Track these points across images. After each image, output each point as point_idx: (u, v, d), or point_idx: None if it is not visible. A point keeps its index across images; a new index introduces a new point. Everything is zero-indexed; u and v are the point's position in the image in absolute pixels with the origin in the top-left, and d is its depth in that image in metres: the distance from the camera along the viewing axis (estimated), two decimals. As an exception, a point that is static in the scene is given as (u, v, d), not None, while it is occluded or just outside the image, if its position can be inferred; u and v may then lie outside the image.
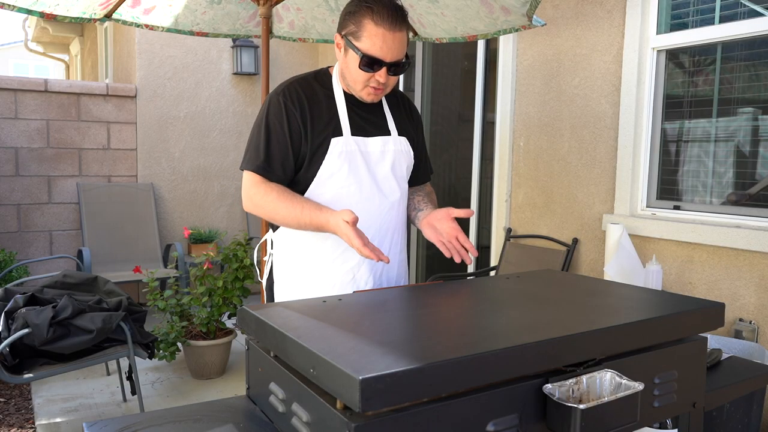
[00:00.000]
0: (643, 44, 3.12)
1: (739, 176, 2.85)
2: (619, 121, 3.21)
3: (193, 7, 3.31)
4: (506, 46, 3.88)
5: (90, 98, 5.04)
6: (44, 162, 4.88)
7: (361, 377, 0.87)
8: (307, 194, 1.72)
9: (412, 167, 1.90)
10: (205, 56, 5.49)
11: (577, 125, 3.45)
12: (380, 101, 1.84)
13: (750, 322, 2.66)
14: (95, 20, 3.16)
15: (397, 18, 1.62)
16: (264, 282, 1.91)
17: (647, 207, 3.18)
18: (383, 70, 1.65)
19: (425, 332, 1.13)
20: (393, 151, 1.80)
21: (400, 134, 1.83)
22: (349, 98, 1.76)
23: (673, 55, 3.09)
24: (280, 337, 1.12)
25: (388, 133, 1.81)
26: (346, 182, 1.71)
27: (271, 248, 1.86)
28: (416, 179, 1.95)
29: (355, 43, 1.63)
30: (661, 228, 2.98)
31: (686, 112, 3.06)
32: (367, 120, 1.78)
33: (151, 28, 3.42)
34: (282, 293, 1.82)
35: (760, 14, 2.70)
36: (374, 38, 1.61)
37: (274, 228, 1.83)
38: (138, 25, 3.37)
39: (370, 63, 1.63)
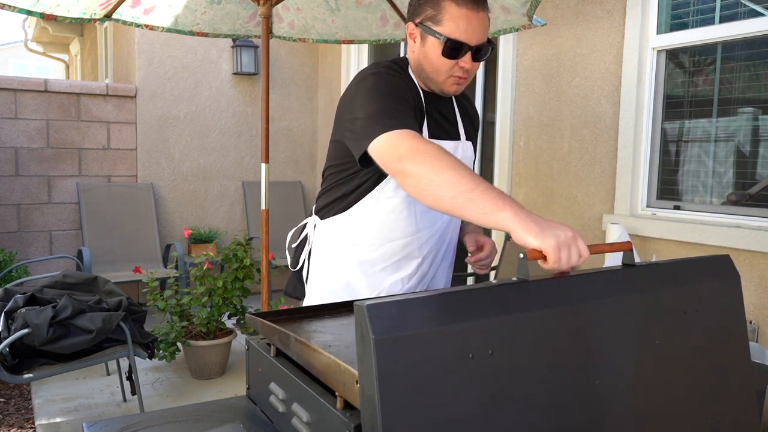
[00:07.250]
0: (643, 44, 3.12)
1: (739, 176, 2.85)
2: (619, 121, 3.21)
3: (193, 7, 3.31)
4: (506, 46, 3.88)
5: (90, 98, 5.04)
6: (44, 162, 4.88)
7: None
8: (376, 192, 1.56)
9: None
10: (205, 56, 5.49)
11: (577, 125, 3.45)
12: (452, 102, 1.71)
13: (750, 322, 2.66)
14: (95, 20, 3.16)
15: None
16: (304, 273, 1.73)
17: (647, 207, 3.18)
18: (468, 55, 1.49)
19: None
20: (461, 158, 1.58)
21: (467, 139, 1.71)
22: (426, 95, 1.62)
23: (673, 55, 3.09)
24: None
25: (458, 137, 1.68)
26: None
27: (313, 233, 1.70)
28: None
29: (436, 28, 1.48)
30: (662, 228, 2.98)
31: (686, 112, 3.06)
32: (441, 122, 1.65)
33: (151, 28, 3.42)
34: (316, 288, 1.68)
35: (760, 14, 2.70)
36: (458, 20, 1.45)
37: (323, 216, 1.68)
38: (138, 25, 3.37)
39: (454, 48, 1.47)
